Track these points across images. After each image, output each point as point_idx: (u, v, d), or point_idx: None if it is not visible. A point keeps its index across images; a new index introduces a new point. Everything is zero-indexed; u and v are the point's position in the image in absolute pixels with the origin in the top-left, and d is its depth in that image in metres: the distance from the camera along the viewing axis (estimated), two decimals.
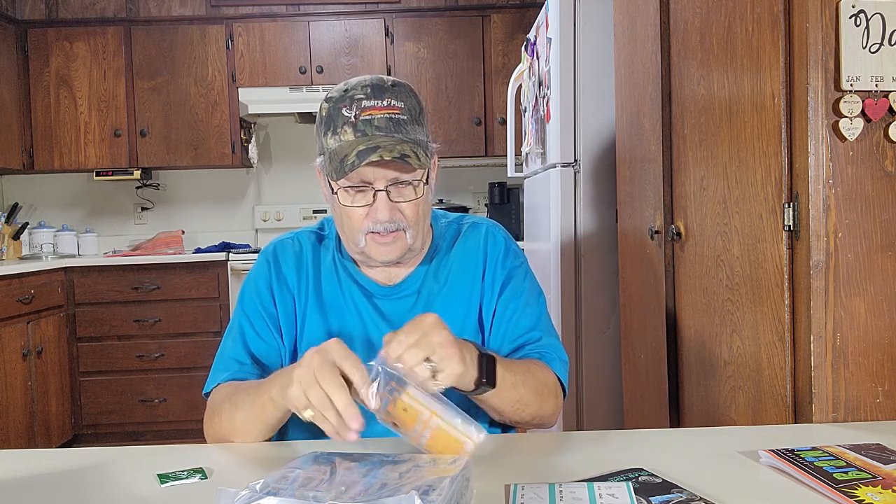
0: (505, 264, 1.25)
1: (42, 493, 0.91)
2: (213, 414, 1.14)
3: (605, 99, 2.56)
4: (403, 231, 1.14)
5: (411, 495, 0.70)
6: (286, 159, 4.54)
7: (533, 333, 1.22)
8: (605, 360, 2.63)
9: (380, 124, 1.10)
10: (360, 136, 1.09)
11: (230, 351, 1.21)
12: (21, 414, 3.30)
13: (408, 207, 1.13)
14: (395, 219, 1.13)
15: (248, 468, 1.00)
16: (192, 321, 3.81)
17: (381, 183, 1.11)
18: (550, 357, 1.20)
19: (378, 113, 1.10)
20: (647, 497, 0.81)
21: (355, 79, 1.15)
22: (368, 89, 1.11)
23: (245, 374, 1.17)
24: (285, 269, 1.24)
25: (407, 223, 1.14)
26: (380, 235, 1.13)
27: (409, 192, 1.13)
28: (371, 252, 1.15)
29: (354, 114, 1.10)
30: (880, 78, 1.20)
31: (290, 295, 1.23)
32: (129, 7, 4.08)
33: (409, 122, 1.12)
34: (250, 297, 1.24)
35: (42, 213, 4.43)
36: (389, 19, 4.13)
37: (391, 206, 1.12)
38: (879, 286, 1.21)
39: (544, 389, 1.14)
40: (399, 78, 1.18)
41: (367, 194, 1.12)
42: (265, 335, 1.22)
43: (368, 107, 1.10)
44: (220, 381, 1.17)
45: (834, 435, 1.08)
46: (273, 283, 1.24)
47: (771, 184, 1.33)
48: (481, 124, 4.17)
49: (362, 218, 1.13)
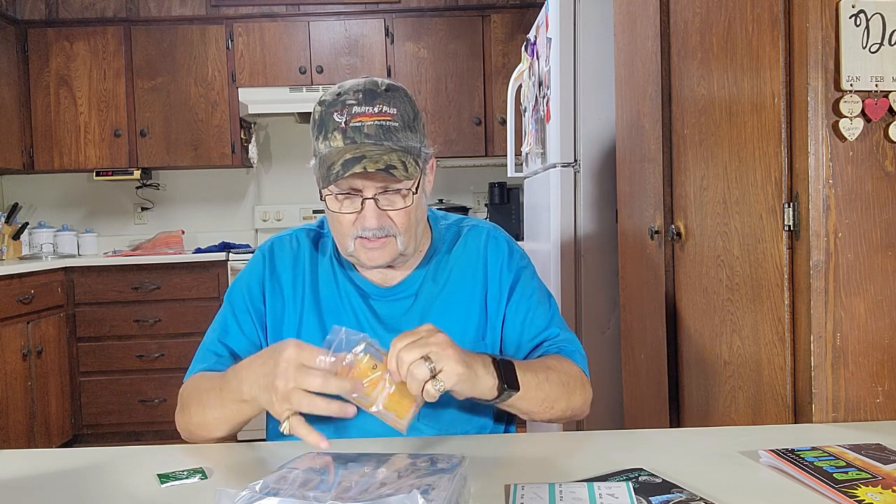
0: (511, 266, 1.25)
1: (42, 493, 0.91)
2: (181, 408, 1.15)
3: (605, 99, 2.55)
4: (394, 237, 1.13)
5: (414, 494, 0.70)
6: (286, 159, 4.54)
7: (550, 330, 1.22)
8: (605, 360, 2.63)
9: (369, 131, 1.08)
10: (349, 144, 1.09)
11: (210, 342, 1.22)
12: (21, 414, 3.30)
13: (397, 215, 1.12)
14: (385, 225, 1.12)
15: (248, 468, 0.99)
16: (192, 321, 3.81)
17: (370, 191, 1.10)
18: (570, 350, 1.21)
19: (368, 120, 1.09)
20: (647, 497, 0.81)
21: (350, 82, 1.14)
22: (360, 94, 1.10)
23: (221, 366, 1.17)
24: (280, 267, 1.24)
25: (397, 230, 1.13)
26: (369, 241, 1.12)
27: (398, 201, 1.12)
28: (360, 256, 1.15)
29: (345, 120, 1.09)
30: (880, 78, 1.20)
31: (281, 294, 1.22)
32: (129, 7, 4.08)
33: (401, 129, 1.10)
34: (240, 291, 1.24)
35: (42, 213, 4.43)
36: (389, 19, 4.13)
37: (379, 214, 1.11)
38: (879, 286, 1.21)
39: (570, 381, 1.13)
40: (399, 78, 1.19)
41: (355, 201, 1.11)
42: (248, 330, 1.22)
43: (359, 113, 1.09)
44: (197, 371, 1.18)
45: (834, 435, 1.08)
46: (266, 280, 1.23)
47: (771, 184, 1.33)
48: (481, 124, 4.17)
49: (351, 224, 1.12)
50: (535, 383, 1.07)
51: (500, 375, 1.01)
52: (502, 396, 1.02)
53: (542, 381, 1.08)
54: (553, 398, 1.10)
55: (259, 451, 1.06)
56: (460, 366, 0.94)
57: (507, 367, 1.04)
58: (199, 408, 1.10)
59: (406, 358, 0.91)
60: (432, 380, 0.92)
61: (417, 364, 0.91)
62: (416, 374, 0.91)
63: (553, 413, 1.11)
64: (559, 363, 1.16)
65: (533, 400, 1.07)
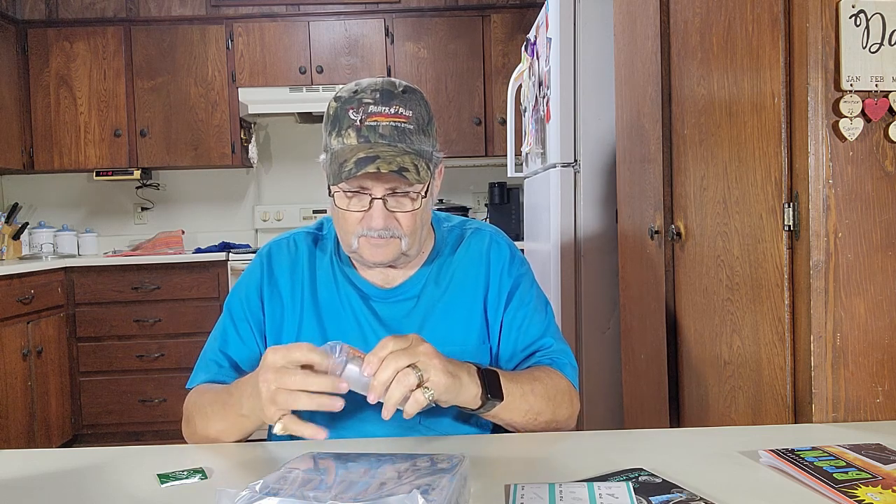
0: (511, 272, 1.24)
1: (42, 493, 0.91)
2: (186, 420, 1.16)
3: (605, 99, 2.56)
4: (399, 238, 1.13)
5: (414, 494, 0.70)
6: (286, 159, 4.54)
7: (544, 340, 1.22)
8: (605, 360, 2.63)
9: (384, 132, 1.08)
10: (363, 143, 1.08)
11: (211, 352, 1.22)
12: (21, 414, 3.30)
13: (404, 217, 1.12)
14: (391, 226, 1.12)
15: (248, 468, 1.00)
16: (192, 321, 3.81)
17: (380, 191, 1.10)
18: (562, 363, 1.20)
19: (384, 120, 1.08)
20: (647, 497, 0.81)
21: (367, 80, 1.13)
22: (377, 94, 1.10)
23: (223, 376, 1.19)
24: (278, 272, 1.24)
25: (403, 231, 1.12)
26: (373, 238, 1.12)
27: (406, 203, 1.12)
28: (363, 253, 1.15)
29: (360, 118, 1.08)
30: (880, 78, 1.20)
31: (280, 299, 1.22)
32: (129, 7, 4.08)
33: (416, 132, 1.10)
34: (239, 299, 1.24)
35: (42, 213, 4.43)
36: (389, 19, 4.13)
37: (386, 215, 1.11)
38: (879, 286, 1.21)
39: (556, 394, 1.13)
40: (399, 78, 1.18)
41: (363, 200, 1.11)
42: (247, 339, 1.22)
43: (375, 112, 1.08)
44: (200, 381, 1.19)
45: (834, 435, 1.08)
46: (264, 287, 1.23)
47: (771, 184, 1.33)
48: (481, 124, 4.17)
49: (357, 222, 1.12)
50: (519, 394, 1.07)
51: (485, 385, 1.02)
52: (486, 406, 1.02)
53: (527, 392, 1.08)
54: (538, 410, 1.10)
55: (259, 451, 1.06)
56: (446, 376, 0.95)
57: (492, 376, 1.04)
58: (203, 420, 1.10)
59: (394, 365, 0.91)
60: (421, 388, 0.92)
61: (406, 372, 0.91)
62: (404, 382, 0.91)
63: (537, 424, 1.11)
64: (547, 375, 1.15)
65: (517, 411, 1.07)
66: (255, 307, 1.22)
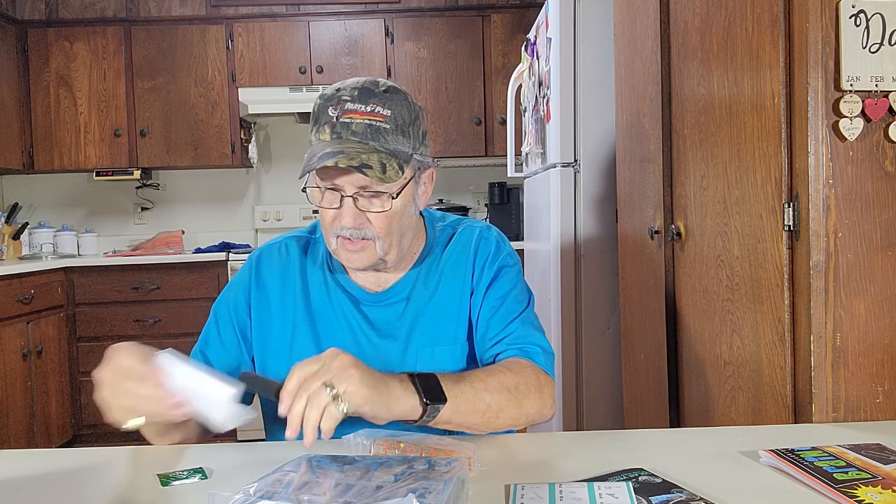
0: (494, 263, 1.22)
1: (42, 493, 0.91)
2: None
3: (605, 99, 2.56)
4: (372, 241, 1.11)
5: (409, 498, 0.70)
6: (286, 159, 4.54)
7: (511, 326, 1.17)
8: (605, 360, 2.63)
9: (357, 129, 1.08)
10: (335, 139, 1.08)
11: (193, 352, 1.23)
12: (21, 414, 3.30)
13: (375, 218, 1.10)
14: (362, 226, 1.10)
15: (248, 468, 0.99)
16: (192, 321, 3.81)
17: (350, 189, 1.09)
18: (532, 352, 1.15)
19: (358, 118, 1.08)
20: (647, 497, 0.81)
21: (352, 79, 1.14)
22: (357, 92, 1.10)
23: None
24: (267, 276, 1.23)
25: (375, 233, 1.11)
26: (349, 241, 1.11)
27: (377, 203, 1.10)
28: (340, 256, 1.15)
29: (336, 115, 1.09)
30: (880, 78, 1.20)
31: (268, 304, 1.22)
32: (128, 7, 4.08)
33: (392, 132, 1.09)
34: (225, 303, 1.24)
35: (42, 213, 4.43)
36: (389, 19, 4.13)
37: (356, 213, 1.10)
38: (879, 286, 1.21)
39: (518, 386, 1.07)
40: (399, 78, 1.19)
41: (335, 197, 1.10)
42: (228, 342, 1.22)
43: (351, 110, 1.08)
44: None
45: (834, 435, 1.08)
46: (251, 291, 1.23)
47: (771, 184, 1.33)
48: (481, 124, 4.17)
49: (332, 220, 1.12)
50: (470, 394, 1.01)
51: (420, 391, 0.96)
52: (429, 412, 0.96)
53: (480, 389, 1.02)
54: (497, 406, 1.03)
55: (259, 451, 1.06)
56: (364, 387, 0.90)
57: (428, 381, 0.98)
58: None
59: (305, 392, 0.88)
60: (333, 402, 0.88)
61: (317, 391, 0.87)
62: (316, 402, 0.87)
63: (500, 422, 1.05)
64: (507, 368, 1.09)
65: (470, 412, 1.02)
66: (241, 311, 1.22)
